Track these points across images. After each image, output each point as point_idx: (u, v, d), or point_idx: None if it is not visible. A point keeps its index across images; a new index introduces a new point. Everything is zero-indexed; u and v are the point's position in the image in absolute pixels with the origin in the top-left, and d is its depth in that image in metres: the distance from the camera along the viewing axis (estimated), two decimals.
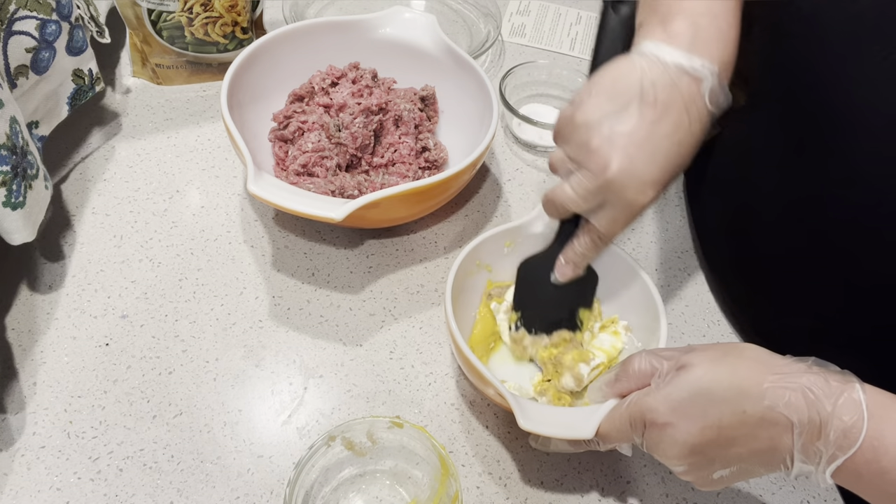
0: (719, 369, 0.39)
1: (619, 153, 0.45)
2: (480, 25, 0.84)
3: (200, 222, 0.63)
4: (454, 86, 0.68)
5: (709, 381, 0.39)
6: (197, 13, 0.69)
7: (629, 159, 0.45)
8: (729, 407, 0.38)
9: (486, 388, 0.48)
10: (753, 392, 0.38)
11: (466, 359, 0.47)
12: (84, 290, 0.58)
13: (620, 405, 0.44)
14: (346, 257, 0.63)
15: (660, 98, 0.45)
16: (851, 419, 0.35)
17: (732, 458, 0.39)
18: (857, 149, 0.45)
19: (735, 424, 0.38)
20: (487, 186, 0.70)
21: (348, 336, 0.58)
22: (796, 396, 0.37)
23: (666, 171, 0.46)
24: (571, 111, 0.47)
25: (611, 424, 0.44)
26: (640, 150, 0.45)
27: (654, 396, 0.41)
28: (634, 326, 0.55)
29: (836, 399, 0.36)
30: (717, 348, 0.41)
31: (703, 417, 0.39)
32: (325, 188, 0.60)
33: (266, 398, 0.53)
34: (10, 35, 0.54)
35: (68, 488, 0.47)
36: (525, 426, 0.44)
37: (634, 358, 0.44)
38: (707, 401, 0.39)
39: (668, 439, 0.40)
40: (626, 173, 0.45)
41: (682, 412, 0.40)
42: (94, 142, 0.68)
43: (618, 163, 0.45)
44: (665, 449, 0.41)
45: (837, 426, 0.36)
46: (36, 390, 0.52)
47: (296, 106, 0.65)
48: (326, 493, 0.47)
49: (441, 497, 0.45)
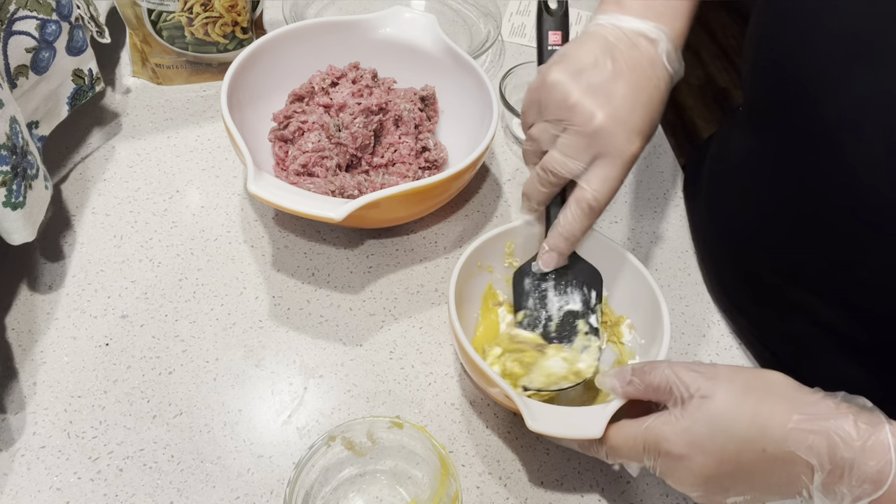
0: (742, 406, 0.38)
1: (602, 102, 0.45)
2: (480, 25, 0.84)
3: (200, 222, 0.63)
4: (454, 86, 0.68)
5: (731, 419, 0.38)
6: (197, 13, 0.69)
7: (612, 107, 0.45)
8: (749, 445, 0.38)
9: (491, 389, 0.48)
10: (776, 433, 0.37)
11: (471, 360, 0.47)
12: (84, 290, 0.58)
13: (636, 425, 0.42)
14: (346, 257, 0.63)
15: (624, 55, 0.47)
16: (879, 464, 0.35)
17: (747, 488, 0.39)
18: (851, 152, 0.45)
19: (754, 461, 0.38)
20: (487, 186, 0.70)
21: (348, 336, 0.58)
22: (820, 440, 0.36)
23: (647, 121, 0.47)
24: (543, 74, 0.47)
25: (624, 441, 0.43)
26: (622, 100, 0.46)
27: (672, 428, 0.40)
28: (636, 323, 0.55)
29: (864, 442, 0.35)
30: (741, 378, 0.40)
31: (721, 453, 0.38)
32: (325, 188, 0.60)
33: (266, 398, 0.53)
34: (10, 35, 0.54)
35: (68, 488, 0.47)
36: (533, 427, 0.43)
37: (655, 369, 0.42)
38: (727, 438, 0.38)
39: (683, 470, 0.40)
40: (613, 120, 0.45)
41: (700, 447, 0.39)
42: (94, 142, 0.68)
43: (602, 112, 0.45)
44: (679, 478, 0.41)
45: (863, 471, 0.35)
46: (36, 390, 0.52)
47: (296, 106, 0.65)
48: (326, 493, 0.47)
49: (441, 497, 0.45)
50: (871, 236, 0.45)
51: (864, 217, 0.45)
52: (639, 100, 0.46)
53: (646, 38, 0.48)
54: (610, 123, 0.45)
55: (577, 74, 0.46)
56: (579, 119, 0.45)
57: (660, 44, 0.48)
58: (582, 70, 0.46)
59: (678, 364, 0.42)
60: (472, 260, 0.54)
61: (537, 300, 0.53)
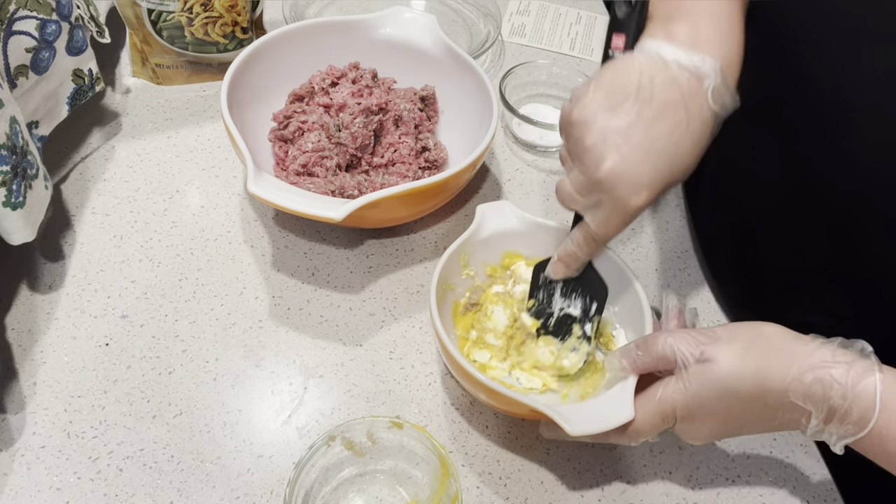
0: (745, 366, 0.41)
1: (612, 151, 0.44)
2: (480, 25, 0.84)
3: (200, 222, 0.63)
4: (454, 86, 0.68)
5: (735, 380, 0.41)
6: (197, 13, 0.69)
7: (622, 158, 0.44)
8: (752, 402, 0.42)
9: (518, 410, 0.48)
10: (776, 387, 0.41)
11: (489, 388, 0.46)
12: (84, 290, 0.58)
13: (649, 400, 0.45)
14: (346, 257, 0.63)
15: (657, 95, 0.44)
16: (863, 410, 0.39)
17: (751, 430, 0.44)
18: (853, 144, 0.45)
19: (758, 412, 0.42)
20: (487, 186, 0.70)
21: (348, 336, 0.58)
22: (816, 389, 0.39)
23: (662, 173, 0.45)
24: (570, 107, 0.47)
25: (643, 420, 0.45)
26: (635, 150, 0.44)
27: (682, 395, 0.43)
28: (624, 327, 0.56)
29: (854, 390, 0.39)
30: (740, 337, 0.43)
31: (728, 412, 0.43)
32: (325, 188, 0.60)
33: (266, 398, 0.53)
34: (10, 35, 0.54)
35: (68, 488, 0.47)
36: (574, 432, 0.43)
37: (658, 339, 0.45)
38: (733, 398, 0.42)
39: (696, 430, 0.44)
40: (617, 173, 0.44)
41: (710, 410, 0.43)
42: (94, 142, 0.68)
43: (610, 162, 0.44)
44: (693, 436, 0.45)
45: (850, 416, 0.39)
46: (36, 390, 0.52)
47: (296, 106, 0.65)
48: (326, 493, 0.47)
49: (441, 497, 0.45)
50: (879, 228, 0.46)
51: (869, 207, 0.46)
52: (656, 149, 0.44)
53: (689, 72, 0.44)
54: (614, 175, 0.44)
55: (598, 116, 0.44)
56: (588, 163, 0.45)
57: (706, 80, 0.44)
58: (604, 111, 0.44)
59: (676, 332, 0.45)
60: (439, 285, 0.53)
61: (545, 295, 0.54)
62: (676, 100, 0.44)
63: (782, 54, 0.50)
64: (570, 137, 0.47)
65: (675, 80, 0.44)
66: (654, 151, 0.44)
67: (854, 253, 0.48)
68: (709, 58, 0.45)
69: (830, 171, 0.48)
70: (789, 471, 0.54)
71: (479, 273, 0.58)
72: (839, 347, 0.40)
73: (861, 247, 0.47)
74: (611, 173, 0.44)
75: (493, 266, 0.58)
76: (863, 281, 0.49)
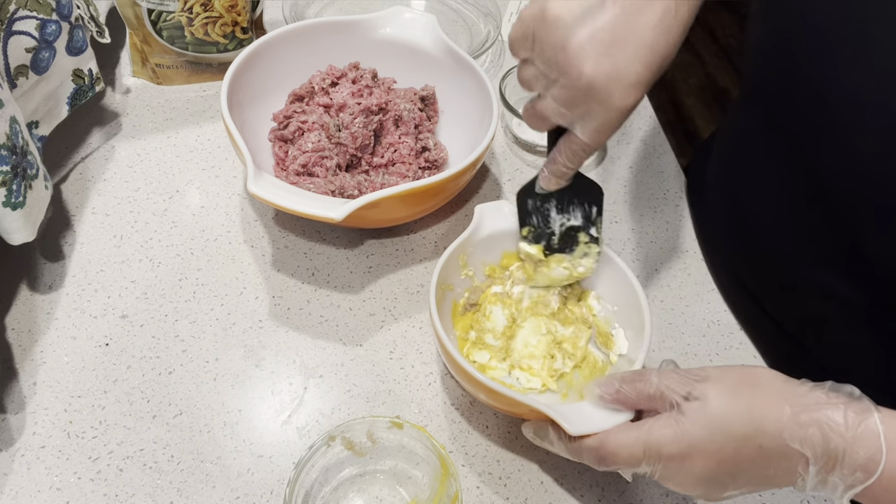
0: (737, 404, 0.38)
1: (601, 54, 0.40)
2: (480, 25, 0.84)
3: (200, 222, 0.63)
4: (454, 86, 0.68)
5: (727, 419, 0.38)
6: (197, 13, 0.69)
7: (611, 60, 0.40)
8: (746, 443, 0.38)
9: (518, 409, 0.48)
10: (770, 429, 0.37)
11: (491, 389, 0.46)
12: (84, 290, 0.58)
13: (634, 429, 0.41)
14: (346, 257, 0.63)
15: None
16: (869, 452, 0.35)
17: (745, 482, 0.40)
18: (853, 141, 0.45)
19: (751, 457, 0.38)
20: (487, 186, 0.70)
21: (348, 336, 0.58)
22: (813, 432, 0.36)
23: (651, 67, 0.42)
24: (541, 5, 0.41)
25: (622, 447, 0.42)
26: (623, 48, 0.40)
27: (672, 431, 0.40)
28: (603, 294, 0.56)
29: (854, 431, 0.36)
30: (730, 376, 0.40)
31: (720, 453, 0.39)
32: (325, 188, 0.60)
33: (266, 398, 0.53)
34: (10, 35, 0.54)
35: (68, 488, 0.47)
36: (574, 432, 0.43)
37: (645, 375, 0.42)
38: (725, 438, 0.38)
39: (685, 473, 0.40)
40: (608, 76, 0.41)
41: (701, 449, 0.39)
42: (94, 142, 0.68)
43: (599, 66, 0.40)
44: (681, 481, 0.41)
45: (854, 460, 0.36)
46: (36, 390, 0.52)
47: (296, 106, 0.65)
48: (326, 493, 0.47)
49: (441, 497, 0.45)
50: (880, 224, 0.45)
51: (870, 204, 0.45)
52: (645, 42, 0.41)
53: None
54: (604, 80, 0.41)
55: (579, 14, 0.41)
56: (573, 71, 0.41)
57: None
58: (585, 8, 0.40)
59: (665, 371, 0.42)
60: (438, 286, 0.53)
61: (540, 218, 0.54)
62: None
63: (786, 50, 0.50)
64: (546, 42, 0.42)
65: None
66: (643, 46, 0.41)
67: (857, 250, 0.48)
68: None
69: (833, 168, 0.48)
70: None
71: (477, 273, 0.58)
72: (830, 391, 0.38)
73: (865, 244, 0.47)
74: (601, 78, 0.41)
75: (491, 266, 0.58)
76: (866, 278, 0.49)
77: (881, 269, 0.47)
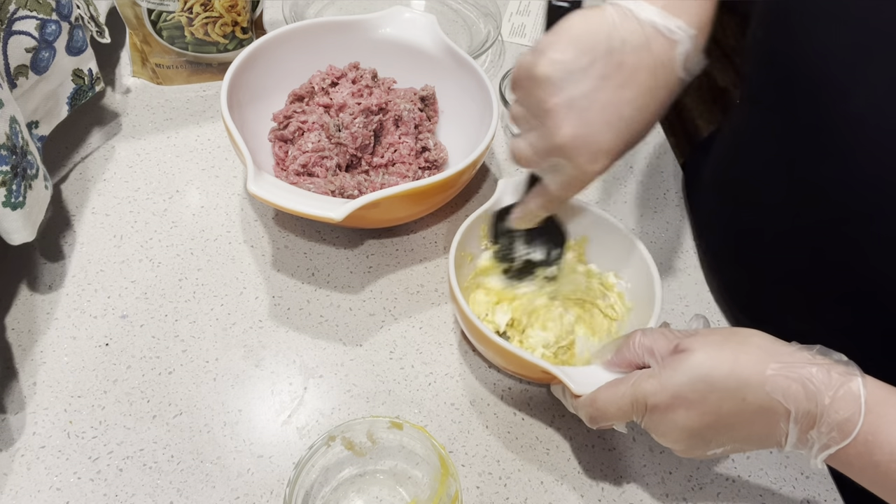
0: (721, 356, 0.39)
1: (575, 118, 0.42)
2: (480, 25, 0.84)
3: (200, 222, 0.63)
4: (454, 86, 0.68)
5: (709, 368, 0.39)
6: (197, 13, 0.69)
7: (585, 125, 0.42)
8: (729, 394, 0.38)
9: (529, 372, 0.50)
10: (754, 381, 0.38)
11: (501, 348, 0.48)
12: (84, 290, 0.58)
13: (622, 384, 0.43)
14: (346, 257, 0.63)
15: (628, 60, 0.42)
16: (847, 413, 0.36)
17: (728, 439, 0.40)
18: (854, 149, 0.45)
19: (734, 411, 0.39)
20: (487, 186, 0.70)
21: (348, 336, 0.58)
22: (796, 387, 0.37)
23: (623, 139, 0.44)
24: (532, 61, 0.43)
25: (612, 401, 0.43)
26: (599, 116, 0.42)
27: (656, 380, 0.41)
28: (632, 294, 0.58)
29: (836, 391, 0.36)
30: (719, 333, 0.41)
31: (702, 404, 0.39)
32: (325, 188, 0.60)
33: (266, 398, 0.53)
34: (10, 35, 0.54)
35: (68, 488, 0.47)
36: (578, 391, 0.45)
37: (637, 333, 0.44)
38: (707, 387, 0.39)
39: (668, 423, 0.41)
40: (579, 140, 0.43)
41: (683, 398, 0.40)
42: (94, 142, 0.68)
43: (572, 128, 0.42)
44: (664, 431, 0.42)
45: (833, 419, 0.36)
46: (36, 390, 0.52)
47: (296, 106, 0.65)
48: (326, 493, 0.47)
49: (441, 497, 0.45)
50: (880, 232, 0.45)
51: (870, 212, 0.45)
52: (621, 115, 0.43)
53: (663, 36, 0.42)
54: (575, 142, 0.43)
55: (565, 77, 0.42)
56: (549, 127, 0.43)
57: (679, 46, 0.43)
58: (570, 73, 0.42)
59: (651, 331, 0.44)
60: (459, 250, 0.55)
61: (507, 242, 0.57)
62: (647, 65, 0.42)
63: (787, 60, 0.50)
64: (531, 95, 0.44)
65: (648, 43, 0.42)
66: (619, 119, 0.43)
67: (855, 258, 0.48)
68: (683, 22, 0.43)
69: (832, 178, 0.48)
70: (789, 471, 0.54)
71: None
72: (818, 353, 0.39)
73: (862, 253, 0.47)
74: (572, 140, 0.43)
75: None
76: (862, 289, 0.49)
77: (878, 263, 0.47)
